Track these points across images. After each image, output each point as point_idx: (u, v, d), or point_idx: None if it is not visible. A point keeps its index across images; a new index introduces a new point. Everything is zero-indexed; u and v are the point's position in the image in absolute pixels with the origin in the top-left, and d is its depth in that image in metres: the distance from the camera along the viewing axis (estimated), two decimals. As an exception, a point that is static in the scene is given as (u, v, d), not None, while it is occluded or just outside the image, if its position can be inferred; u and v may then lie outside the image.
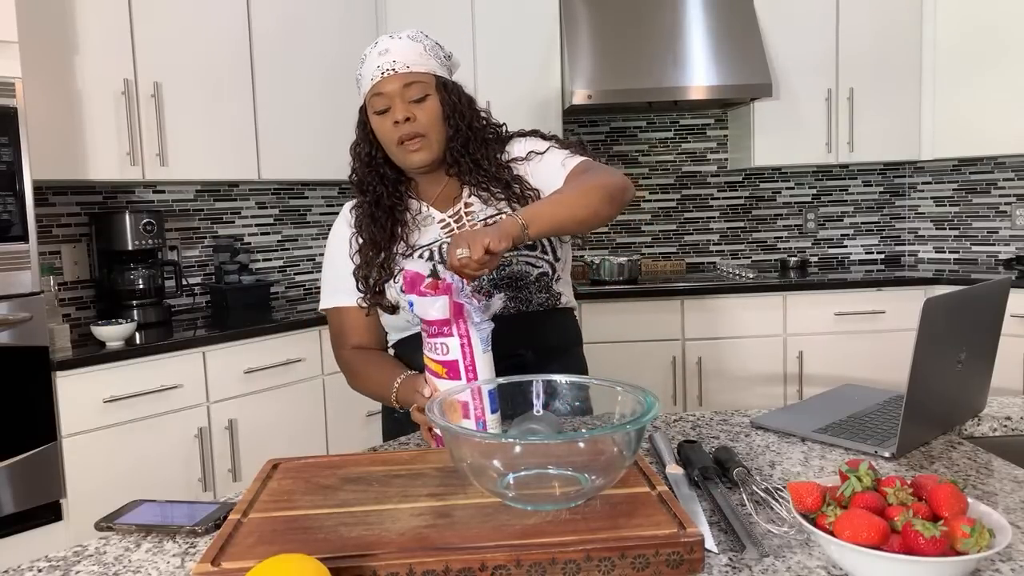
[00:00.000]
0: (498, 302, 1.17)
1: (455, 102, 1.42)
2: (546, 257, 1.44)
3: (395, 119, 1.37)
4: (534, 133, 1.51)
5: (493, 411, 1.13)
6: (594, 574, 0.78)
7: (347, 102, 1.61)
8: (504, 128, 1.51)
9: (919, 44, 3.59)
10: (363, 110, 1.45)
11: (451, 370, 1.14)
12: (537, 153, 1.45)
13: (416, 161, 1.40)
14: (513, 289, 1.44)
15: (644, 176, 3.99)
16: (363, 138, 1.46)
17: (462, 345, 1.14)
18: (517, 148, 1.47)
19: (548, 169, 1.42)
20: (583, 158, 1.41)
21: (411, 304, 1.15)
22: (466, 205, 1.45)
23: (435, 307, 1.12)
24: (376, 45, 1.41)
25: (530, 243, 1.42)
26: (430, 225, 1.45)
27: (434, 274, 1.15)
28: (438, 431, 1.21)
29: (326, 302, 1.51)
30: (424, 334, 1.17)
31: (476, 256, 1.10)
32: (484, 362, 1.15)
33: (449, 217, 1.45)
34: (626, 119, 3.95)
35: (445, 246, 1.43)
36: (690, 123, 3.97)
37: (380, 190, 1.45)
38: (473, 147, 1.42)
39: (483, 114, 1.48)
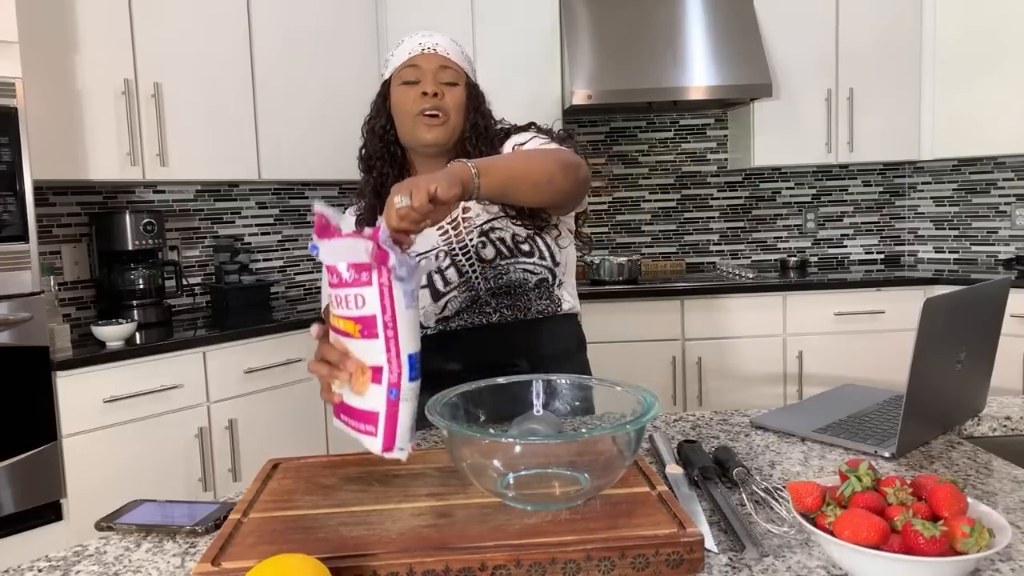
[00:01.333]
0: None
1: (479, 103, 1.46)
2: (544, 263, 1.43)
3: (424, 90, 1.38)
4: (530, 127, 1.50)
5: (412, 379, 0.96)
6: (594, 574, 0.78)
7: (347, 102, 1.61)
8: (514, 126, 1.50)
9: (919, 44, 3.59)
10: (385, 85, 1.46)
11: (366, 327, 0.95)
12: (520, 144, 1.43)
13: (429, 138, 1.40)
14: (511, 297, 1.41)
15: (644, 176, 3.99)
16: (381, 111, 1.47)
17: (381, 296, 0.94)
18: (507, 147, 1.45)
19: None
20: (554, 146, 1.37)
21: (315, 248, 0.96)
22: (463, 210, 1.43)
23: (353, 250, 0.93)
24: (419, 32, 1.45)
25: (527, 250, 1.41)
26: (426, 229, 1.42)
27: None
28: (348, 402, 0.99)
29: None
30: (332, 287, 0.98)
31: (418, 204, 0.96)
32: (406, 320, 0.95)
33: (447, 224, 1.43)
34: (626, 119, 3.95)
35: (442, 254, 1.40)
36: (690, 123, 3.97)
37: (387, 171, 1.45)
38: (483, 147, 1.43)
39: (498, 126, 1.49)
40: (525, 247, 1.42)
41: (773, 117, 3.59)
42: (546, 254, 1.43)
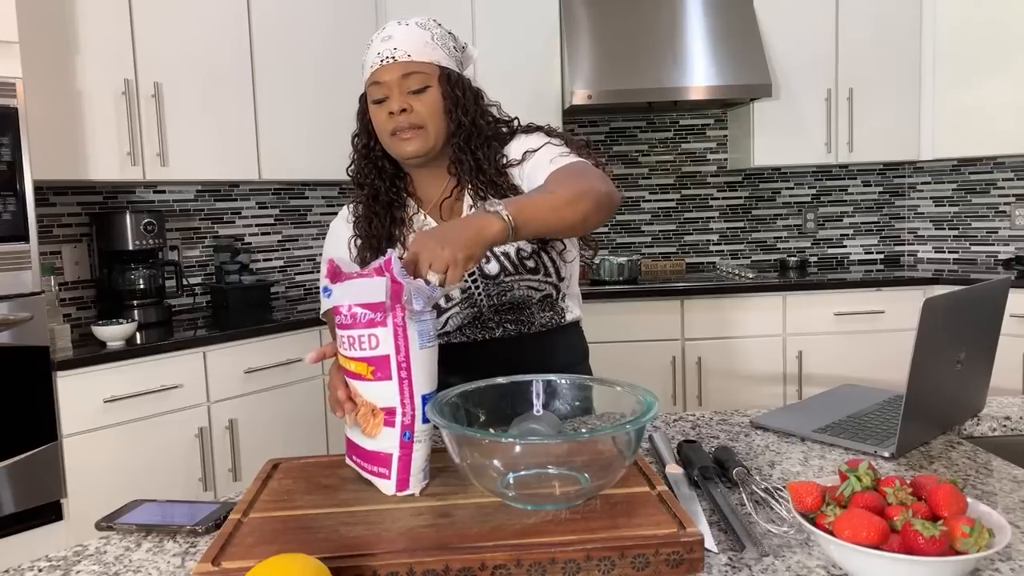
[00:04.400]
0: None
1: (458, 96, 1.34)
2: (549, 280, 1.38)
3: (390, 109, 1.30)
4: (539, 129, 1.42)
5: (426, 420, 0.96)
6: (594, 574, 0.78)
7: (347, 102, 1.60)
8: (516, 122, 1.43)
9: (919, 44, 3.59)
10: (363, 98, 1.39)
11: (379, 368, 0.94)
12: (532, 151, 1.36)
13: (409, 151, 1.32)
14: (514, 312, 1.38)
15: (644, 176, 3.99)
16: (362, 129, 1.40)
17: (395, 336, 0.92)
18: (515, 149, 1.38)
19: (537, 166, 1.33)
20: (576, 159, 1.30)
21: (328, 291, 0.96)
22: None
23: (370, 288, 0.92)
24: (383, 31, 1.34)
25: (532, 266, 1.36)
26: None
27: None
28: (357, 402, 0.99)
29: (326, 306, 1.46)
30: (341, 328, 0.96)
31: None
32: (420, 361, 0.95)
33: None
34: (626, 119, 3.95)
35: None
36: (690, 123, 3.97)
37: (378, 184, 1.39)
38: (476, 144, 1.35)
39: (492, 110, 1.41)
40: (530, 263, 1.36)
41: (773, 117, 3.59)
42: (551, 270, 1.38)
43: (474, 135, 1.35)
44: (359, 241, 1.40)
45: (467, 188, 1.38)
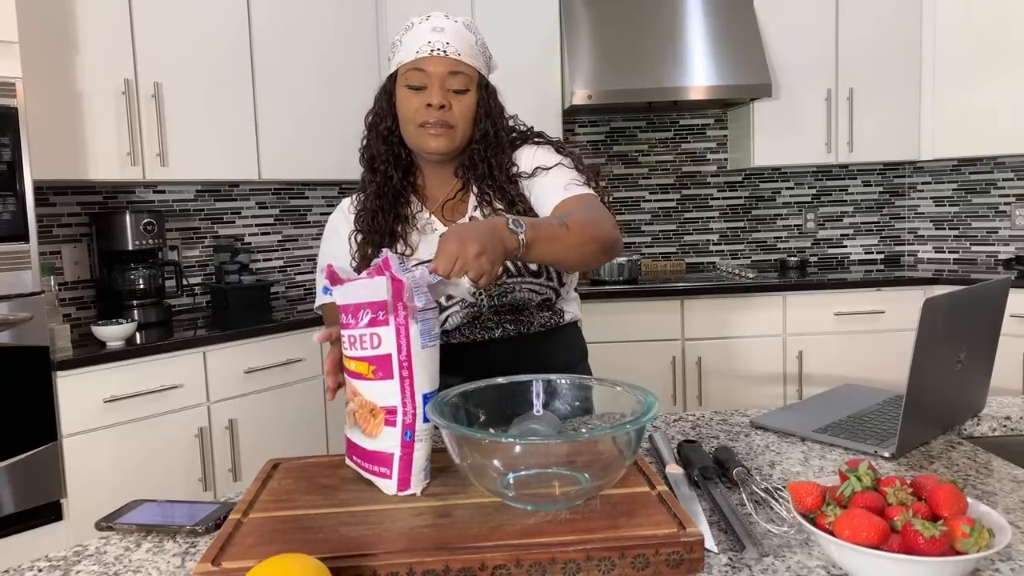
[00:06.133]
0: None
1: (491, 106, 1.37)
2: (551, 284, 1.39)
3: (430, 101, 1.30)
4: (549, 143, 1.43)
5: (427, 419, 0.96)
6: (594, 574, 0.78)
7: (347, 102, 1.61)
8: (529, 130, 1.44)
9: (919, 44, 3.59)
10: (391, 79, 1.37)
11: (380, 367, 0.94)
12: (544, 168, 1.37)
13: (434, 146, 1.33)
14: (514, 313, 1.39)
15: (644, 176, 3.99)
16: (386, 111, 1.38)
17: (398, 335, 0.93)
18: (525, 160, 1.39)
19: (548, 186, 1.34)
20: (587, 191, 1.33)
21: (327, 291, 0.96)
22: (470, 220, 1.37)
23: (371, 288, 0.93)
24: (429, 19, 1.33)
25: (535, 269, 1.37)
26: (430, 235, 1.39)
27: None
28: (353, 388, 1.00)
29: (321, 300, 1.44)
30: (344, 328, 0.97)
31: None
32: (422, 360, 0.95)
33: None
34: (626, 119, 3.95)
35: None
36: (690, 123, 3.97)
37: (391, 172, 1.39)
38: (491, 152, 1.37)
39: (511, 123, 1.43)
40: (533, 266, 1.36)
41: (773, 117, 3.59)
42: (553, 274, 1.39)
43: (493, 144, 1.37)
44: (360, 236, 1.40)
45: (472, 191, 1.39)
